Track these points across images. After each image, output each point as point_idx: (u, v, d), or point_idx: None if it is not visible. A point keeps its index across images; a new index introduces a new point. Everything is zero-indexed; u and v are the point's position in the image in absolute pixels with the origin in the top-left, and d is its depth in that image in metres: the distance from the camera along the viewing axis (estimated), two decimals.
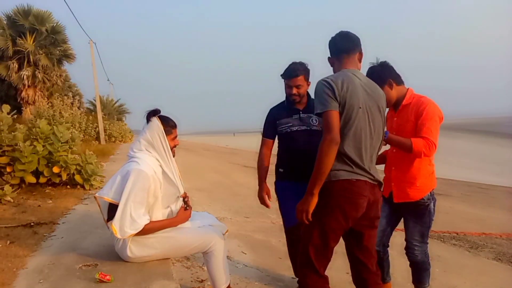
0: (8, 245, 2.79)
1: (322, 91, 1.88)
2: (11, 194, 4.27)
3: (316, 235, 1.91)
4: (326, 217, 1.88)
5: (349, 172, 1.87)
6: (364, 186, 1.89)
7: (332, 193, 1.87)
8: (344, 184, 1.86)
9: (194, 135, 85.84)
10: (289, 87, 2.63)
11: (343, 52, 2.03)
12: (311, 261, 1.92)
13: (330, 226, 1.89)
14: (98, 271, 2.08)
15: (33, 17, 17.72)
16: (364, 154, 1.90)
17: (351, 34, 2.05)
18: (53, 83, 19.07)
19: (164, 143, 2.25)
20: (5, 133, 4.66)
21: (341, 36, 2.06)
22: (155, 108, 2.30)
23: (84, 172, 5.32)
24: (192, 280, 2.91)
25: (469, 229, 5.40)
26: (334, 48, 2.08)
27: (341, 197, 1.86)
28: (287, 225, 2.80)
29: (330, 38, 2.09)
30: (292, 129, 2.68)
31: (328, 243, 1.91)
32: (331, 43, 2.09)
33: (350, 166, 1.87)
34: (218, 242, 2.30)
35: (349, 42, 2.04)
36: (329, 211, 1.87)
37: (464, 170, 13.35)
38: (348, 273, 3.30)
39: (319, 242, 1.91)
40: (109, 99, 37.72)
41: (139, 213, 2.11)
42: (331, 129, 1.81)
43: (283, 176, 2.78)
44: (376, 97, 1.98)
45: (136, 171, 2.12)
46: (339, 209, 1.86)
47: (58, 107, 14.30)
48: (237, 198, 6.86)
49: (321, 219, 1.89)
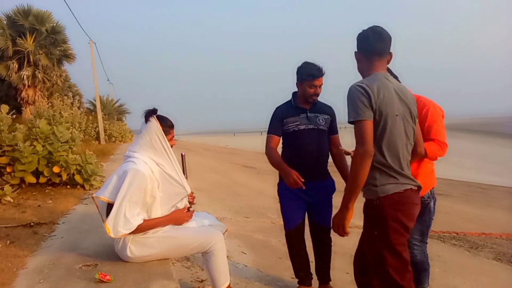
0: (8, 245, 2.79)
1: (356, 97, 1.75)
2: (11, 194, 4.28)
3: (389, 257, 1.81)
4: (390, 235, 1.80)
5: (396, 184, 1.80)
6: (411, 193, 1.84)
7: (385, 209, 1.79)
8: (395, 197, 1.79)
9: (194, 135, 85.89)
10: (313, 86, 2.61)
11: (376, 54, 1.88)
12: (397, 283, 1.82)
13: (397, 241, 1.81)
14: (98, 271, 2.08)
15: (33, 17, 17.74)
16: (403, 162, 1.84)
17: (385, 32, 1.88)
18: (53, 83, 19.08)
19: (164, 143, 2.25)
20: (5, 133, 4.66)
21: (375, 34, 1.88)
22: (153, 108, 2.30)
23: (84, 172, 5.32)
24: (192, 280, 2.91)
25: (469, 229, 5.40)
26: (365, 47, 1.90)
27: (396, 211, 1.79)
28: (287, 228, 2.79)
29: (362, 32, 1.92)
30: (299, 127, 2.65)
31: (402, 257, 1.83)
32: (363, 40, 1.91)
33: (395, 178, 1.80)
34: (218, 242, 2.30)
35: (382, 43, 1.87)
36: (389, 228, 1.80)
37: (464, 170, 13.36)
38: (348, 273, 3.31)
39: (395, 261, 1.82)
40: (109, 99, 37.73)
41: (133, 213, 2.12)
42: (364, 141, 1.72)
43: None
44: (409, 102, 1.87)
45: (133, 170, 2.12)
46: (398, 224, 1.80)
47: (58, 107, 14.30)
48: (237, 198, 6.86)
49: (385, 239, 1.81)
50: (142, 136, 2.27)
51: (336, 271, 3.17)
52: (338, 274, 3.22)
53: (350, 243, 4.21)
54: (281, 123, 2.70)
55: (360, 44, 1.93)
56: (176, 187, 2.29)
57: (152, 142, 2.23)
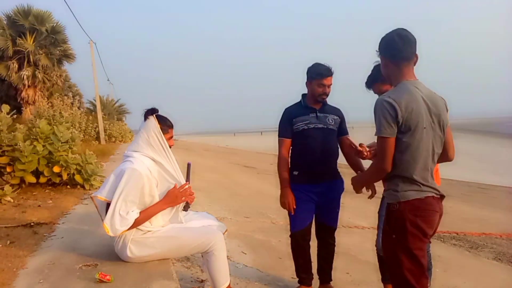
0: (8, 245, 2.79)
1: (381, 113, 1.76)
2: (11, 194, 4.28)
3: (406, 260, 1.81)
4: (408, 239, 1.81)
5: (418, 191, 1.81)
6: (433, 201, 1.84)
7: (405, 214, 1.80)
8: (415, 203, 1.80)
9: (194, 135, 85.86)
10: (322, 85, 2.64)
11: (404, 60, 1.84)
12: (413, 287, 1.81)
13: (415, 246, 1.81)
14: (98, 271, 2.08)
15: (33, 17, 17.74)
16: (427, 173, 1.84)
17: (410, 35, 1.84)
18: (53, 83, 19.09)
19: (162, 142, 2.26)
20: (5, 133, 4.66)
21: (401, 38, 1.83)
22: (153, 107, 2.31)
23: (84, 172, 5.32)
24: (192, 280, 2.91)
25: (469, 229, 5.40)
26: (392, 52, 1.86)
27: (416, 216, 1.80)
28: (293, 229, 2.78)
29: (387, 36, 1.87)
30: (309, 126, 2.66)
31: (420, 261, 1.82)
32: (389, 45, 1.86)
33: (418, 185, 1.81)
34: (218, 242, 2.30)
35: (409, 47, 1.83)
36: (408, 233, 1.80)
37: (464, 170, 13.35)
38: (348, 273, 3.31)
39: (412, 265, 1.81)
40: (109, 99, 37.73)
41: (129, 210, 2.12)
42: (383, 157, 1.78)
43: (297, 179, 2.74)
44: (438, 111, 1.83)
45: (129, 170, 2.13)
46: (417, 229, 1.80)
47: (58, 107, 14.29)
48: (237, 198, 6.86)
49: (403, 242, 1.81)
50: (140, 134, 2.28)
51: (336, 271, 3.17)
52: (339, 274, 3.22)
53: (350, 243, 4.22)
54: (290, 124, 2.72)
55: (385, 49, 1.89)
56: (173, 185, 2.29)
57: (150, 139, 2.24)
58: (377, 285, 3.08)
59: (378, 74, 2.35)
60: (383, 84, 2.37)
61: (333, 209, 2.78)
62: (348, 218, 5.49)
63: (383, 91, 2.36)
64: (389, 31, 1.88)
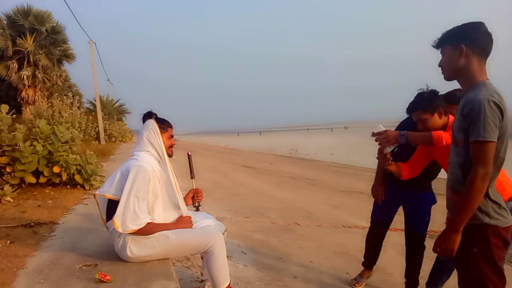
0: (8, 245, 2.79)
1: (489, 116, 1.56)
2: (11, 194, 4.28)
3: (490, 273, 1.70)
4: (493, 251, 1.70)
5: (502, 216, 1.70)
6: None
7: (489, 238, 1.68)
8: (502, 233, 1.69)
9: (195, 135, 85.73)
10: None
11: (487, 56, 1.68)
12: None
13: (499, 256, 1.72)
14: (98, 271, 2.08)
15: (33, 17, 17.73)
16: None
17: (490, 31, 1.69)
18: (53, 83, 19.08)
19: (159, 139, 2.31)
20: (5, 133, 4.66)
21: (489, 33, 1.67)
22: (150, 111, 2.38)
23: (84, 172, 5.33)
24: (192, 280, 2.90)
25: None
26: (481, 44, 1.67)
27: (497, 240, 1.71)
28: (373, 220, 2.98)
29: (476, 26, 1.67)
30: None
31: (500, 270, 1.74)
32: (481, 38, 1.66)
33: (498, 205, 1.70)
34: (218, 242, 2.30)
35: (491, 43, 1.67)
36: (491, 243, 1.70)
37: None
38: (348, 273, 3.31)
39: (496, 277, 1.72)
40: (109, 99, 37.74)
41: (143, 209, 2.15)
42: (486, 162, 1.59)
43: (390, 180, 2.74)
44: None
45: (135, 167, 2.16)
46: (499, 238, 1.71)
47: (58, 107, 14.29)
48: (237, 198, 6.86)
49: (487, 255, 1.71)
50: (140, 135, 2.35)
51: (336, 271, 3.17)
52: (339, 274, 3.22)
53: (350, 243, 4.21)
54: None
55: (473, 40, 1.67)
56: (171, 191, 2.36)
57: (150, 138, 2.29)
58: (377, 285, 3.08)
59: (420, 102, 2.33)
60: (424, 112, 2.36)
61: (422, 218, 2.78)
62: (348, 218, 5.49)
63: (423, 119, 2.36)
64: (473, 22, 1.69)
